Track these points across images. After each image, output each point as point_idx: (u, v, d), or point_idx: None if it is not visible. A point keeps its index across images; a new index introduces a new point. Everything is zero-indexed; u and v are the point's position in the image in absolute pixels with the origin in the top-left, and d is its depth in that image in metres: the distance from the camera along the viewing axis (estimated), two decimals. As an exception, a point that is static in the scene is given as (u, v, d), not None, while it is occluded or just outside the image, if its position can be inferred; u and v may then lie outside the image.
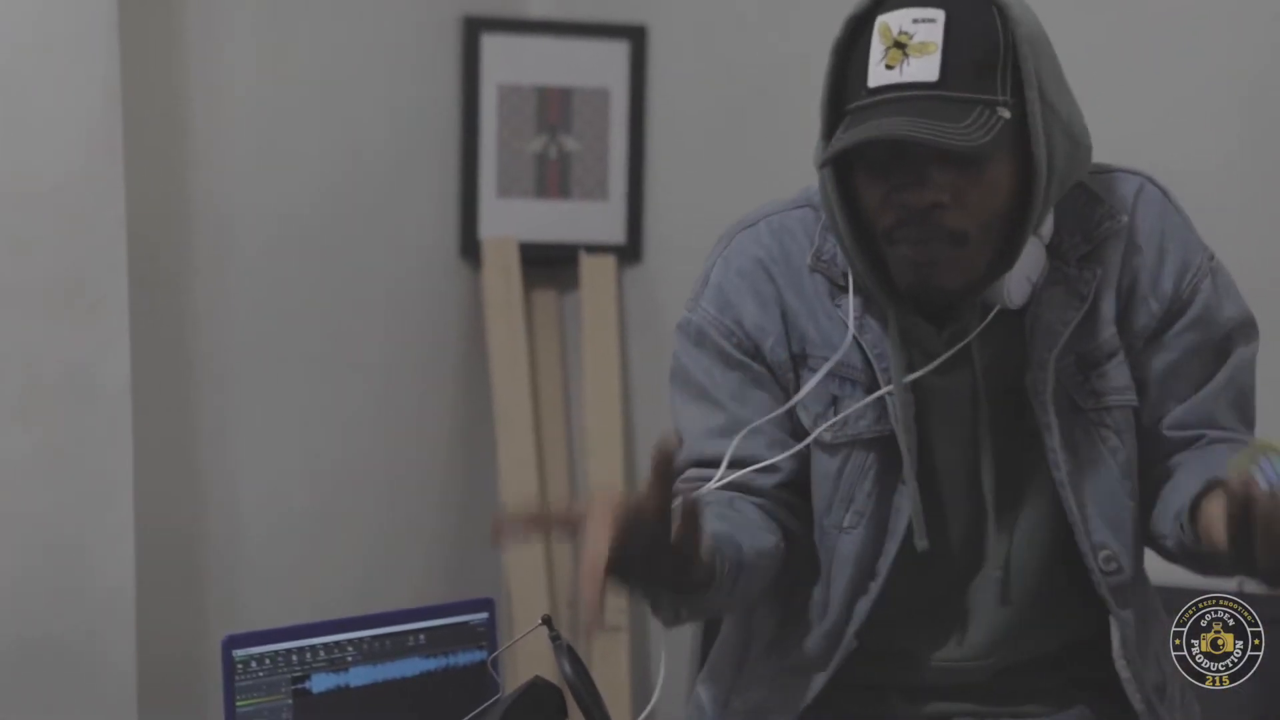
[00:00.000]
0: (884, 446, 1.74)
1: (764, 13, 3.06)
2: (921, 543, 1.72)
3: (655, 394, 3.21)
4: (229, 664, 1.60)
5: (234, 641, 1.61)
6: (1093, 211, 1.75)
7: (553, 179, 3.15)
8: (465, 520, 3.16)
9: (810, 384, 1.75)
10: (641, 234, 3.18)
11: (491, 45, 3.10)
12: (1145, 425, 1.76)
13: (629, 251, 3.18)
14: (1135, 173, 1.79)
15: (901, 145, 1.61)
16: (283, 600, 2.86)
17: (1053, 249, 1.74)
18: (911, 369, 1.72)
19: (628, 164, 3.16)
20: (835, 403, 1.75)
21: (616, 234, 3.17)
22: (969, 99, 1.61)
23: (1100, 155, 1.75)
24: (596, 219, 3.17)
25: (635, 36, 3.13)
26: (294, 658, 1.63)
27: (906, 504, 1.73)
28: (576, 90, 3.14)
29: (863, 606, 1.76)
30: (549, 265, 3.18)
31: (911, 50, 1.61)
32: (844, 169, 1.69)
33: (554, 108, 3.14)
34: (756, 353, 1.77)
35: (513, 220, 3.13)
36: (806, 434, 1.76)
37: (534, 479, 3.08)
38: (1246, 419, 1.78)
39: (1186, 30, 2.64)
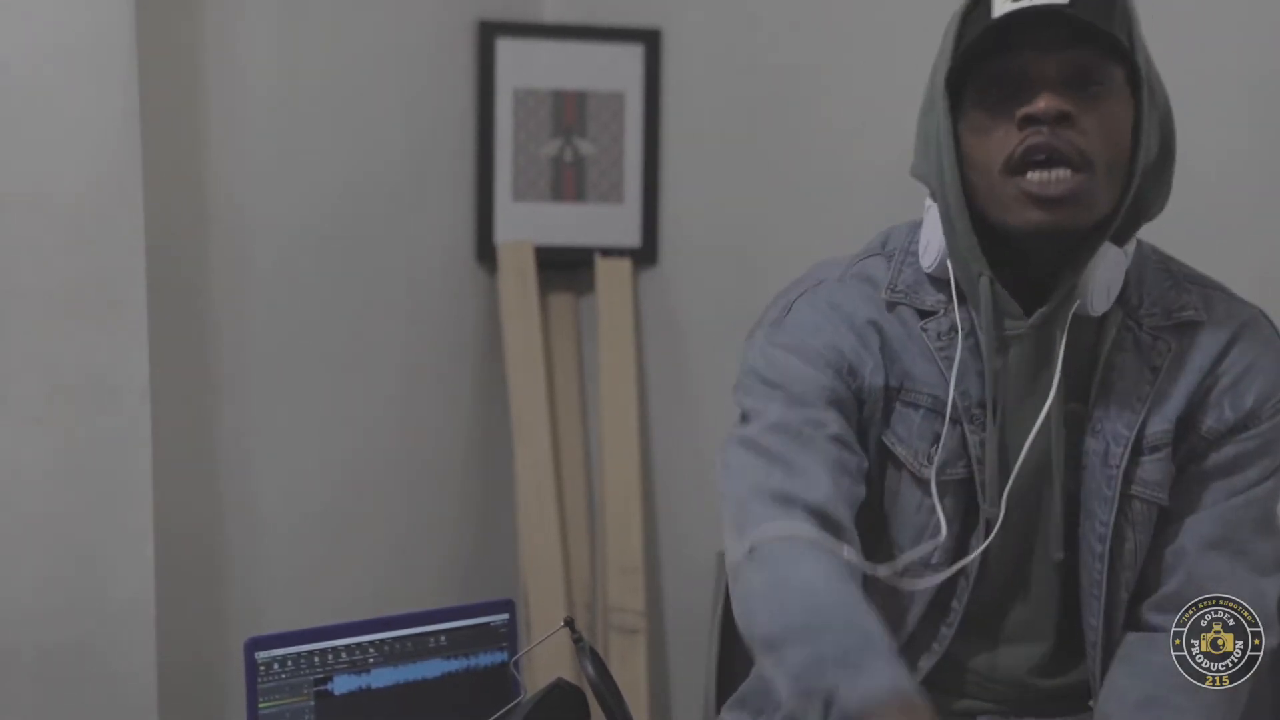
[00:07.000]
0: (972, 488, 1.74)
1: (777, 16, 3.06)
2: (1057, 554, 1.74)
3: (671, 395, 3.22)
4: (251, 666, 1.61)
5: (256, 644, 1.62)
6: (1177, 296, 1.75)
7: (568, 182, 3.16)
8: (483, 522, 3.16)
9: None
10: (657, 237, 3.19)
11: (506, 50, 3.11)
12: (1170, 512, 1.76)
13: (644, 254, 3.19)
14: (1249, 304, 1.79)
15: (1024, 71, 1.61)
16: (303, 602, 2.87)
17: (1125, 303, 1.73)
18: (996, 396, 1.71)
19: (643, 167, 3.16)
20: (937, 440, 1.73)
21: (632, 237, 3.18)
22: (1095, 26, 1.61)
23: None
24: (612, 222, 3.17)
25: (649, 40, 3.14)
26: (316, 659, 1.64)
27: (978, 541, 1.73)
28: (591, 94, 3.15)
29: (945, 633, 1.77)
30: (565, 268, 3.19)
31: None
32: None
33: (569, 111, 3.15)
34: (852, 374, 1.74)
35: (528, 224, 3.13)
36: (891, 465, 1.75)
37: (550, 481, 3.08)
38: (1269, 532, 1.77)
39: (1194, 26, 2.64)
